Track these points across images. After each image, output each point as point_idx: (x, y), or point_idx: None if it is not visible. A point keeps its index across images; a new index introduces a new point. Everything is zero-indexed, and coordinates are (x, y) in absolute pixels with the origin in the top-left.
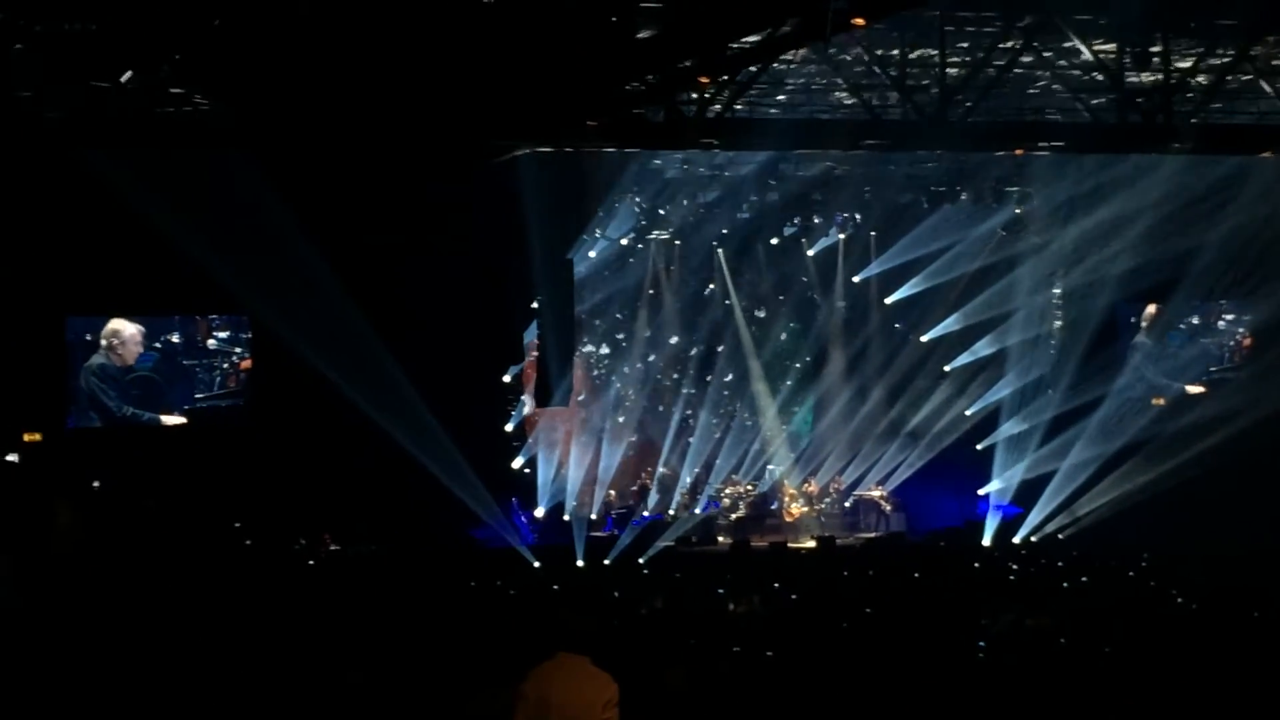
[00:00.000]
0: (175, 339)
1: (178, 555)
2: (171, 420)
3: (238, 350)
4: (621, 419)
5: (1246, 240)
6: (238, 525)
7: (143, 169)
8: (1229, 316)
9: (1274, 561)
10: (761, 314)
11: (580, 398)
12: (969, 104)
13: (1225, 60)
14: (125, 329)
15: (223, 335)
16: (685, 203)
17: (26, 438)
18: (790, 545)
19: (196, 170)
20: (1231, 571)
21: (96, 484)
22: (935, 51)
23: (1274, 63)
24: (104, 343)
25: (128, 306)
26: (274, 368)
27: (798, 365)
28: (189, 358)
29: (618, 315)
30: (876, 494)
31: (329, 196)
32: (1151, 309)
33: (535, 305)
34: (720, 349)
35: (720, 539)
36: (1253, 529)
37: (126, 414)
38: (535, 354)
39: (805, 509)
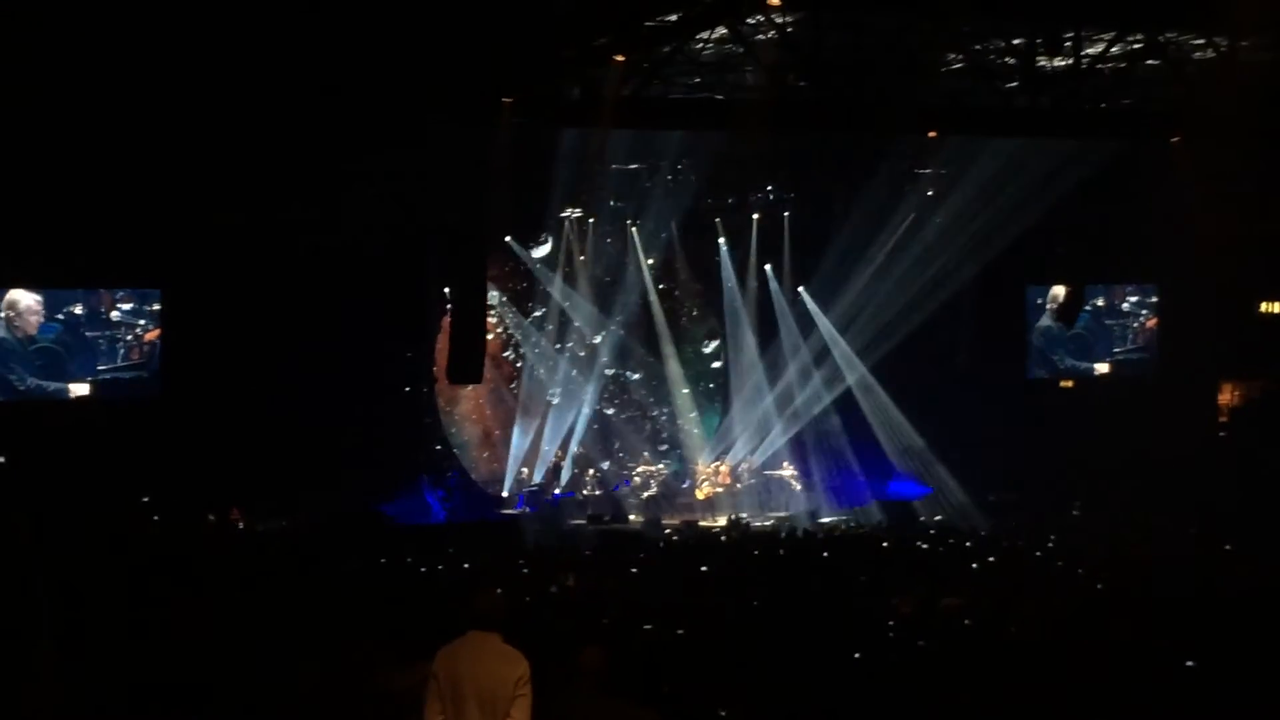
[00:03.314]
0: (78, 310)
1: (88, 531)
2: (78, 390)
3: (142, 322)
4: (534, 396)
5: (1152, 222)
6: (145, 500)
7: (49, 135)
8: (1134, 298)
9: (1177, 539)
10: (675, 292)
11: (492, 375)
12: (882, 86)
13: (1136, 46)
14: (22, 299)
15: (126, 307)
16: (599, 178)
17: None
18: (701, 524)
19: (109, 140)
20: (1135, 550)
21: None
22: (850, 33)
23: (1183, 49)
24: (1, 315)
25: (32, 279)
26: (183, 340)
27: (711, 344)
28: (92, 329)
29: (531, 291)
30: (788, 473)
31: (242, 169)
32: (1058, 290)
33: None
34: (633, 327)
35: (632, 517)
36: (1159, 509)
37: (31, 385)
38: (448, 329)
39: (717, 488)
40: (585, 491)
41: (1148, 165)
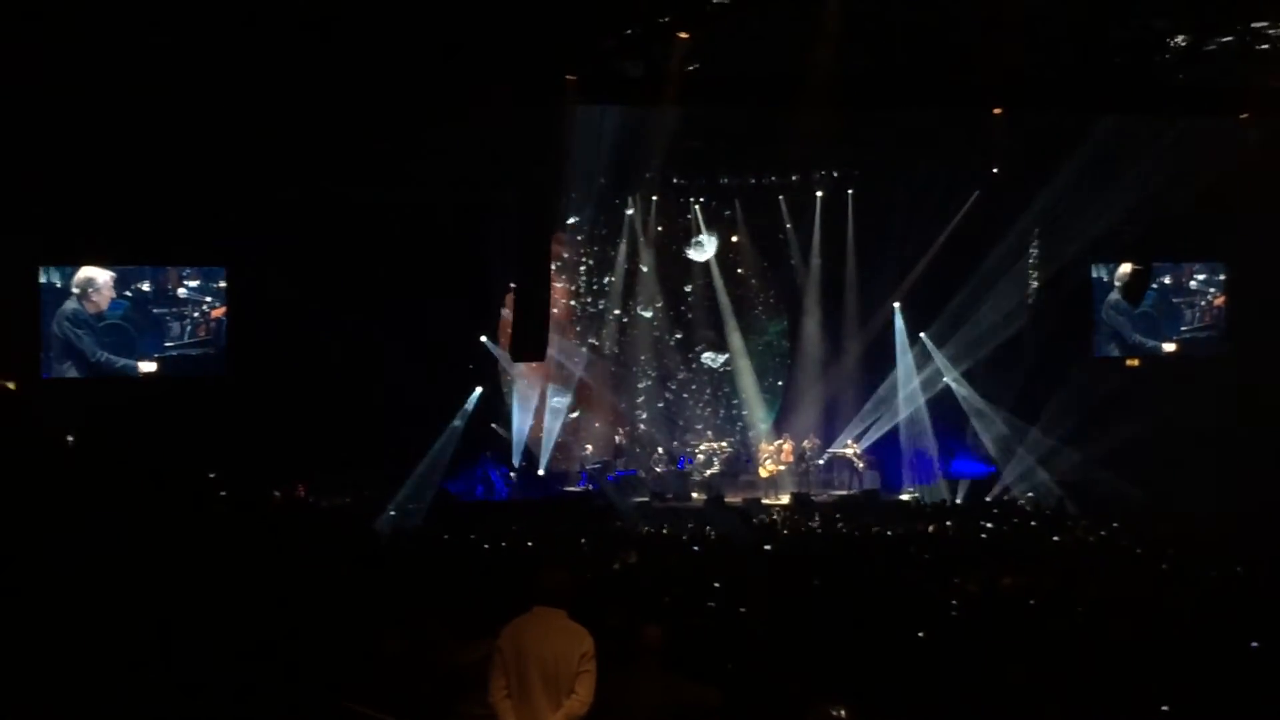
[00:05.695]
0: (146, 287)
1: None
2: (145, 367)
3: (208, 300)
4: (597, 374)
5: (1219, 200)
6: (212, 476)
7: (117, 115)
8: (1201, 276)
9: (1240, 521)
10: (738, 270)
11: (555, 352)
12: (946, 61)
13: (1207, 21)
14: (99, 276)
15: (193, 285)
16: (662, 156)
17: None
18: (764, 502)
19: (176, 120)
20: (1200, 532)
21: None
22: (914, 8)
23: (1255, 24)
24: (76, 290)
25: (102, 256)
26: (249, 318)
27: (774, 322)
28: (159, 306)
29: (594, 268)
30: (851, 452)
31: (307, 149)
32: (1125, 268)
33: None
34: (696, 305)
35: (694, 495)
36: (1221, 490)
37: (101, 359)
38: (510, 307)
39: (779, 466)
40: (648, 469)
41: (1214, 142)
